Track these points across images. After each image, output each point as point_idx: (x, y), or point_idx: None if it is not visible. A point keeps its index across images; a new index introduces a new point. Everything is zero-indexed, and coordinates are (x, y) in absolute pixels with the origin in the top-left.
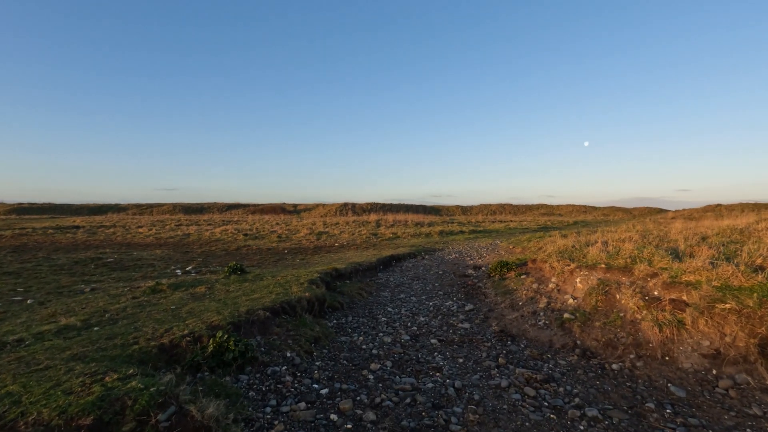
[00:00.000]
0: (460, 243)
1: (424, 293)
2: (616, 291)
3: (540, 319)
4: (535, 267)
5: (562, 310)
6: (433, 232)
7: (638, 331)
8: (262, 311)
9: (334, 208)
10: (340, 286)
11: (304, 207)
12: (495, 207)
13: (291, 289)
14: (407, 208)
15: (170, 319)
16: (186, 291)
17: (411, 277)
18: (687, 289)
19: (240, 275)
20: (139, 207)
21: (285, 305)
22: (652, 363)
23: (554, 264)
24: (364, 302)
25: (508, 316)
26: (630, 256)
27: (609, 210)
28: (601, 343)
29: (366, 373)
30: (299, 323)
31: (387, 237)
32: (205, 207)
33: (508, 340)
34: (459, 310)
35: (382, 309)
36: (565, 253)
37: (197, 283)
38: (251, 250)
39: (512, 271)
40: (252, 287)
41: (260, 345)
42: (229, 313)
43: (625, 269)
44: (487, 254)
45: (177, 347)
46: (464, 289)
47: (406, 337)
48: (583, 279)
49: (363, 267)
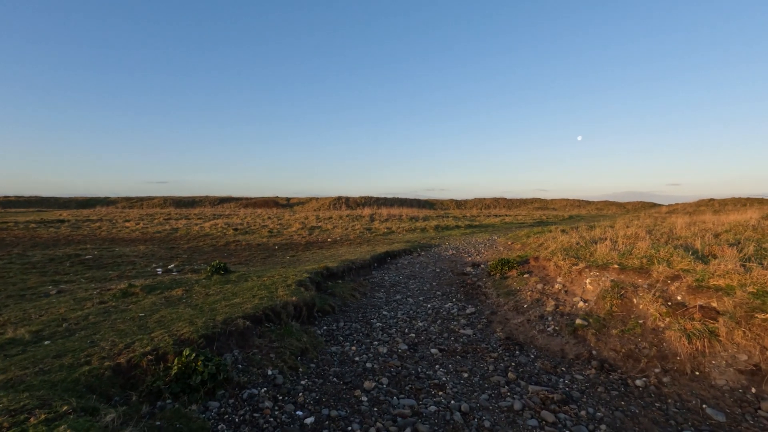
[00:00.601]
0: (456, 238)
1: (421, 294)
2: (632, 294)
3: (549, 324)
4: (538, 265)
5: (572, 314)
6: (429, 227)
7: (662, 341)
8: (242, 320)
9: (328, 201)
10: (331, 287)
11: (298, 201)
12: (489, 201)
13: (277, 293)
14: (401, 202)
15: (135, 330)
16: (161, 294)
17: (407, 275)
18: (717, 294)
19: (223, 275)
20: (129, 200)
21: (269, 312)
22: (680, 379)
23: (559, 263)
24: (357, 305)
25: (513, 320)
26: (645, 255)
27: (603, 204)
28: (621, 355)
29: (359, 394)
30: (284, 332)
31: (381, 232)
32: (196, 200)
33: (516, 348)
34: (459, 314)
35: (377, 312)
36: (570, 250)
37: (175, 284)
38: (240, 246)
39: (514, 270)
40: (234, 290)
41: (237, 361)
42: (203, 323)
43: (641, 270)
44: (485, 250)
45: (136, 368)
46: (463, 288)
47: (403, 347)
48: (593, 280)
49: (356, 265)
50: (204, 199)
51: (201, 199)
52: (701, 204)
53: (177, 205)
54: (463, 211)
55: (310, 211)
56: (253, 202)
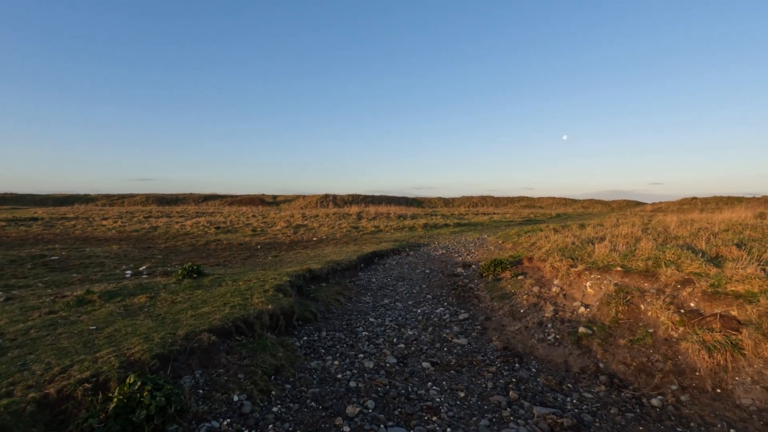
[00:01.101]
0: (445, 237)
1: (410, 297)
2: (639, 300)
3: (549, 332)
4: (532, 266)
5: (574, 321)
6: (417, 226)
7: (677, 353)
8: (207, 334)
9: (315, 199)
10: (314, 291)
11: (284, 198)
12: (477, 199)
13: (252, 300)
14: (389, 200)
15: (78, 349)
16: (120, 302)
17: (395, 277)
18: (738, 302)
19: (195, 279)
20: (109, 198)
21: (240, 323)
22: (701, 397)
23: (556, 264)
24: (341, 310)
25: (509, 327)
26: (650, 257)
27: (588, 203)
28: (632, 369)
29: (340, 423)
30: (257, 347)
31: (369, 231)
32: (180, 198)
33: (515, 361)
34: (452, 320)
35: (363, 319)
36: (566, 251)
37: (139, 290)
38: (221, 246)
39: (507, 271)
40: (205, 296)
41: (198, 385)
42: (161, 339)
43: (646, 273)
44: (475, 250)
45: (68, 400)
46: (455, 291)
47: (391, 360)
48: (594, 283)
49: (342, 266)
50: (188, 196)
51: (185, 196)
52: (684, 203)
53: (160, 202)
54: (451, 209)
55: (296, 209)
56: (238, 199)
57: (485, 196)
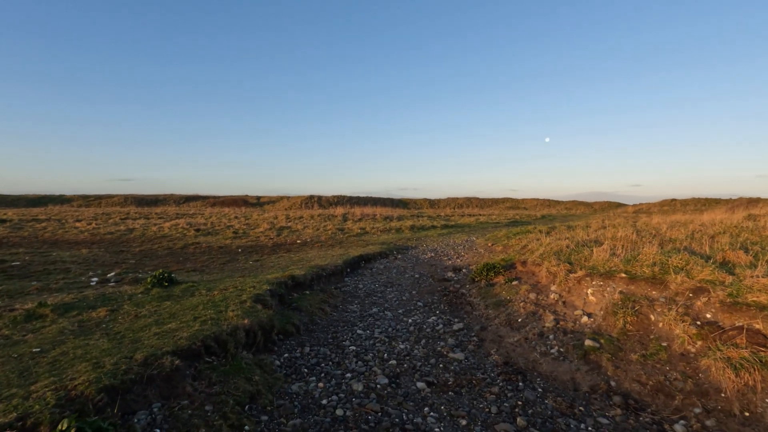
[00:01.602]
0: (433, 239)
1: (400, 305)
2: (649, 310)
3: (551, 344)
4: (526, 271)
5: (577, 332)
6: (404, 227)
7: (698, 372)
8: (170, 357)
9: (300, 200)
10: (297, 300)
11: (268, 199)
12: (462, 200)
13: (226, 313)
14: (375, 201)
15: (11, 379)
16: (76, 317)
17: (383, 282)
18: (763, 315)
19: (166, 288)
20: (86, 198)
21: (212, 341)
22: (728, 422)
23: (552, 268)
24: (327, 321)
25: (508, 338)
26: (655, 262)
27: (571, 204)
28: (648, 388)
29: None
30: (230, 369)
31: (355, 233)
32: (160, 199)
33: (518, 378)
34: (446, 331)
35: (350, 331)
36: (562, 255)
37: (100, 302)
38: (199, 249)
39: (500, 276)
40: (173, 309)
41: (155, 422)
42: (114, 366)
43: (653, 280)
44: (465, 253)
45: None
46: (446, 298)
47: (382, 380)
48: (596, 290)
49: (327, 271)
50: (169, 197)
51: (165, 197)
52: (665, 204)
53: (139, 203)
54: (437, 210)
55: (280, 211)
56: (221, 200)
57: (470, 198)
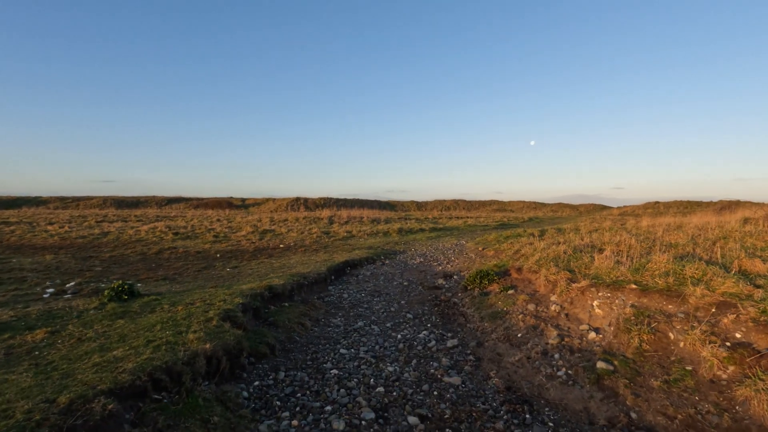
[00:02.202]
0: (422, 243)
1: (388, 317)
2: (666, 327)
3: (558, 365)
4: (521, 278)
5: (586, 351)
6: (392, 231)
7: (734, 403)
8: (104, 399)
9: (286, 202)
10: (274, 313)
11: (253, 201)
12: (449, 203)
13: (186, 335)
14: (362, 204)
15: None
16: (7, 341)
17: (370, 291)
18: None
19: (124, 302)
20: (63, 200)
21: (162, 373)
22: None
23: (551, 277)
24: (306, 339)
25: (508, 357)
26: (667, 272)
27: (557, 206)
28: (677, 424)
29: None
30: (183, 409)
31: (341, 236)
32: (141, 201)
33: (525, 410)
34: (439, 348)
35: (332, 350)
36: (560, 261)
37: (42, 321)
38: (175, 255)
39: (495, 284)
40: (125, 330)
41: None
42: (25, 415)
43: (668, 293)
44: (455, 258)
45: None
46: (438, 308)
47: (368, 415)
48: (603, 303)
49: (309, 280)
50: (150, 199)
51: (147, 199)
52: (648, 207)
53: (119, 205)
54: (425, 212)
55: (265, 213)
56: (204, 202)
57: (458, 200)
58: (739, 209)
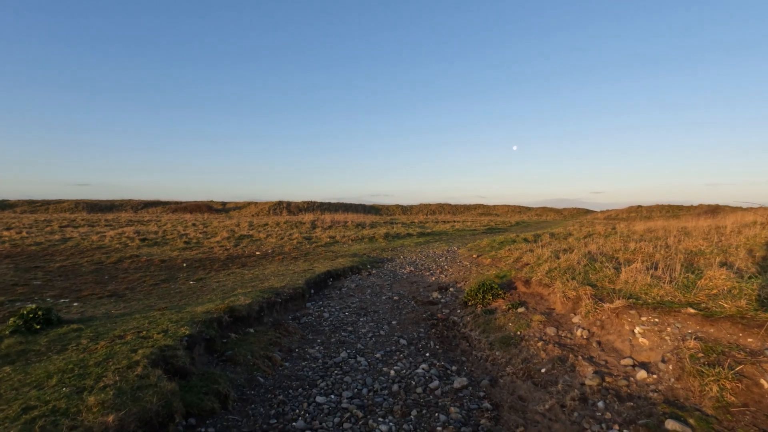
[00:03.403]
0: (411, 250)
1: (377, 344)
2: (755, 371)
3: (606, 419)
4: (531, 293)
5: (640, 398)
6: (378, 236)
7: None
8: None
9: (268, 206)
10: (234, 344)
11: (234, 205)
12: (434, 207)
13: (88, 397)
14: (346, 207)
15: None
16: None
17: (355, 308)
18: None
19: (34, 334)
20: (32, 204)
21: None
22: None
23: (570, 292)
24: (273, 379)
25: (534, 403)
26: (731, 291)
27: (541, 210)
28: None
29: None
30: None
31: (323, 242)
32: (116, 204)
33: None
34: (444, 391)
35: (306, 398)
36: (576, 273)
37: None
38: (136, 264)
39: (500, 299)
40: (3, 386)
41: None
42: None
43: (743, 320)
44: (449, 266)
45: None
46: (435, 329)
47: None
48: (649, 330)
49: (284, 296)
50: (126, 203)
51: (122, 203)
52: (632, 210)
53: (92, 209)
54: (410, 216)
55: (246, 217)
56: (183, 206)
57: (443, 204)
58: (722, 213)
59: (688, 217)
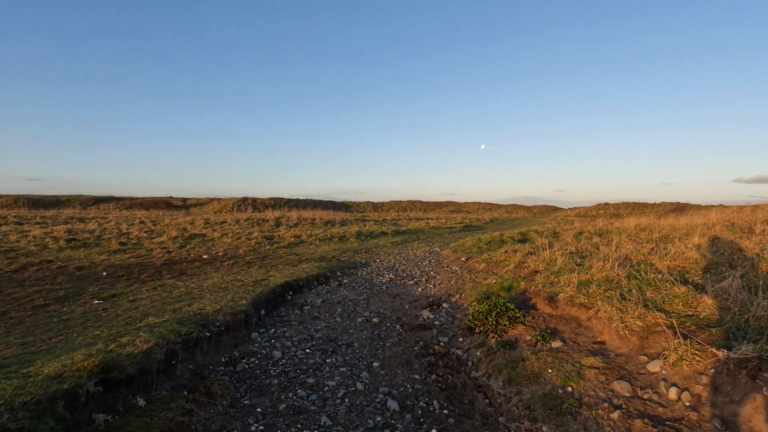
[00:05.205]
0: (387, 251)
1: (353, 414)
2: None
3: None
4: (559, 315)
5: None
6: (349, 235)
7: None
8: None
9: (232, 203)
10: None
11: (196, 201)
12: (406, 204)
13: None
14: (315, 204)
15: None
16: None
17: (320, 339)
18: None
19: None
20: None
21: None
22: None
23: (633, 322)
24: None
25: None
26: None
27: (512, 208)
28: None
29: None
30: None
31: (286, 242)
32: (63, 200)
33: None
34: None
35: None
36: (622, 289)
37: None
38: (42, 273)
39: (519, 324)
40: None
41: None
42: None
43: None
44: (435, 272)
45: None
46: (435, 374)
47: None
48: None
49: (216, 325)
50: (74, 198)
51: (70, 198)
52: (600, 208)
53: (34, 205)
54: (382, 214)
55: (207, 214)
56: (138, 202)
57: (414, 201)
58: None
59: (657, 214)
